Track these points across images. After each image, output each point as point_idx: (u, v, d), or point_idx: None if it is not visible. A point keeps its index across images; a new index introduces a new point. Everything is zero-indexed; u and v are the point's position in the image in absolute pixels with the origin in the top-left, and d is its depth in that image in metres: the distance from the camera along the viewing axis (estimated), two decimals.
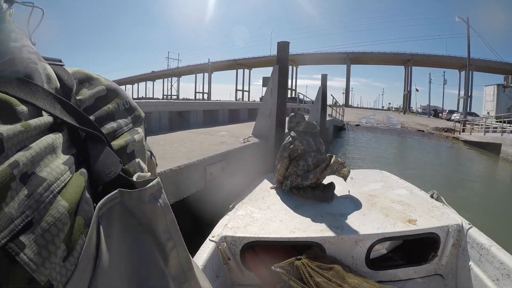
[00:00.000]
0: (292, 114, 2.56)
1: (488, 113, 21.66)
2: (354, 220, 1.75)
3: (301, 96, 14.30)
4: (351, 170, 2.37)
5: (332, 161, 2.21)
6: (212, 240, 1.60)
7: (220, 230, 1.69)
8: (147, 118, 0.45)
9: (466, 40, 21.26)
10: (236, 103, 10.55)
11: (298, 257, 1.42)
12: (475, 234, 1.57)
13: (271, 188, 2.38)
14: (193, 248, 1.59)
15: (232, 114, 8.48)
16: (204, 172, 2.74)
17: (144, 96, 65.49)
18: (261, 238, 1.60)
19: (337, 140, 12.17)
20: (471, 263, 1.51)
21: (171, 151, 3.07)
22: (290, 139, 2.34)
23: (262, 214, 1.89)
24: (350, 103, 53.35)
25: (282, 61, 4.09)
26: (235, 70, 59.41)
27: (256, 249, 1.64)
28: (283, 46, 4.10)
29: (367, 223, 1.71)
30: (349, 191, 2.23)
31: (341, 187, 2.26)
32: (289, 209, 1.96)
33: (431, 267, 1.66)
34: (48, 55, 0.36)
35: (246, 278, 1.65)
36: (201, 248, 1.56)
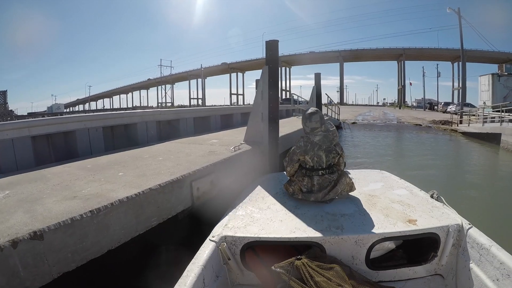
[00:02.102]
0: (308, 112, 2.09)
1: (484, 103, 21.59)
2: (354, 220, 1.74)
3: (295, 97, 14.15)
4: (350, 171, 2.22)
5: (337, 186, 2.00)
6: (212, 240, 1.60)
7: (220, 230, 1.68)
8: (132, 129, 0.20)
9: (457, 31, 21.13)
10: (228, 108, 10.19)
11: (298, 257, 1.41)
12: (475, 234, 1.56)
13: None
14: (193, 248, 1.56)
15: (225, 119, 8.18)
16: (190, 189, 2.46)
17: (138, 105, 65.32)
18: (261, 238, 1.59)
19: None
20: (471, 263, 1.51)
21: (154, 166, 2.79)
22: (302, 145, 2.07)
23: (262, 214, 1.87)
24: (345, 101, 53.38)
25: (272, 61, 3.83)
26: (228, 75, 59.39)
27: (256, 249, 1.64)
28: (272, 45, 3.83)
29: (367, 223, 1.70)
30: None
31: None
32: (289, 209, 1.93)
33: (431, 267, 1.65)
34: (48, 59, 0.19)
35: (246, 278, 1.64)
36: (201, 248, 1.54)
